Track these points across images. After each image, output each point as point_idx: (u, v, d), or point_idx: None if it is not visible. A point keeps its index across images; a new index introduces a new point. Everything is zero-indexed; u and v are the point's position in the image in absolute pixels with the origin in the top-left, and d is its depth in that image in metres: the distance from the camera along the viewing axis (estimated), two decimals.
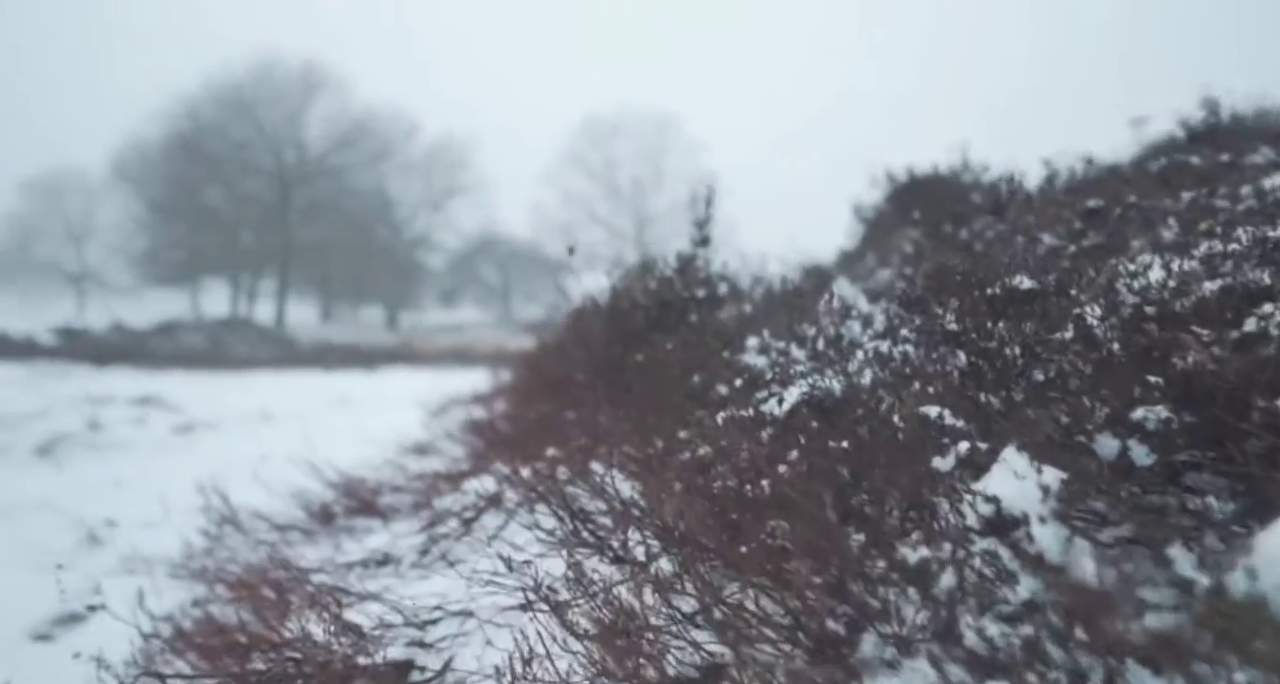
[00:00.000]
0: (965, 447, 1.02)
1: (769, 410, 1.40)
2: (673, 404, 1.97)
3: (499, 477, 2.62)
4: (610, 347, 2.62)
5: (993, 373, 1.15)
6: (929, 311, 1.35)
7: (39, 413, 6.93)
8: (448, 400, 7.51)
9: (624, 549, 1.55)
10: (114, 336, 19.92)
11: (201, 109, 38.91)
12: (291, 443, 6.49)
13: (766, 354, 1.83)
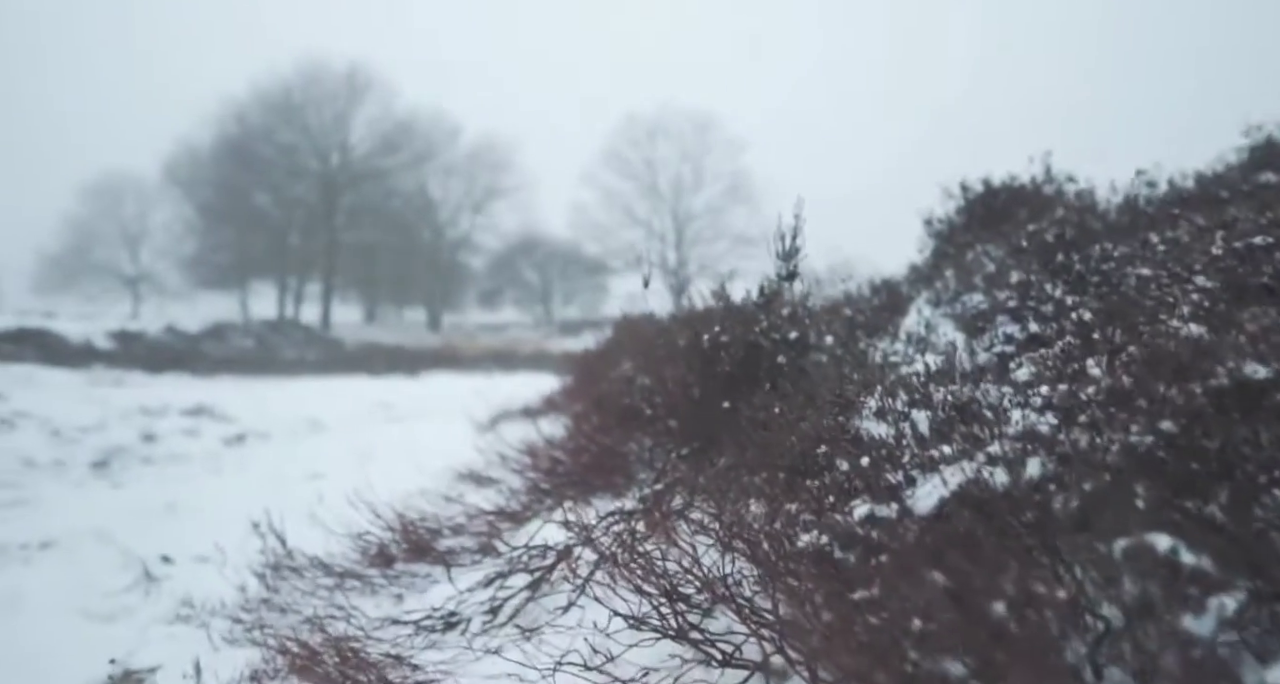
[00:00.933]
0: (1230, 603, 0.80)
1: (911, 505, 1.20)
2: (771, 465, 1.77)
3: (565, 524, 2.44)
4: (689, 387, 2.42)
5: (1226, 488, 0.93)
6: (1130, 404, 1.13)
7: (95, 426, 6.97)
8: (497, 413, 7.39)
9: (738, 653, 1.36)
10: (168, 339, 20.31)
11: (249, 113, 39.68)
12: (341, 459, 6.46)
13: (885, 419, 1.62)
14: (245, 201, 39.46)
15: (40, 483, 5.49)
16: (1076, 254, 2.47)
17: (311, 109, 39.15)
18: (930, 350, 3.19)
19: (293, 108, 38.95)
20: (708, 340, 2.34)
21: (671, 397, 2.70)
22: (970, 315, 3.36)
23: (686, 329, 2.87)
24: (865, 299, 4.89)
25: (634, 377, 3.89)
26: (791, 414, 1.83)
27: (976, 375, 2.38)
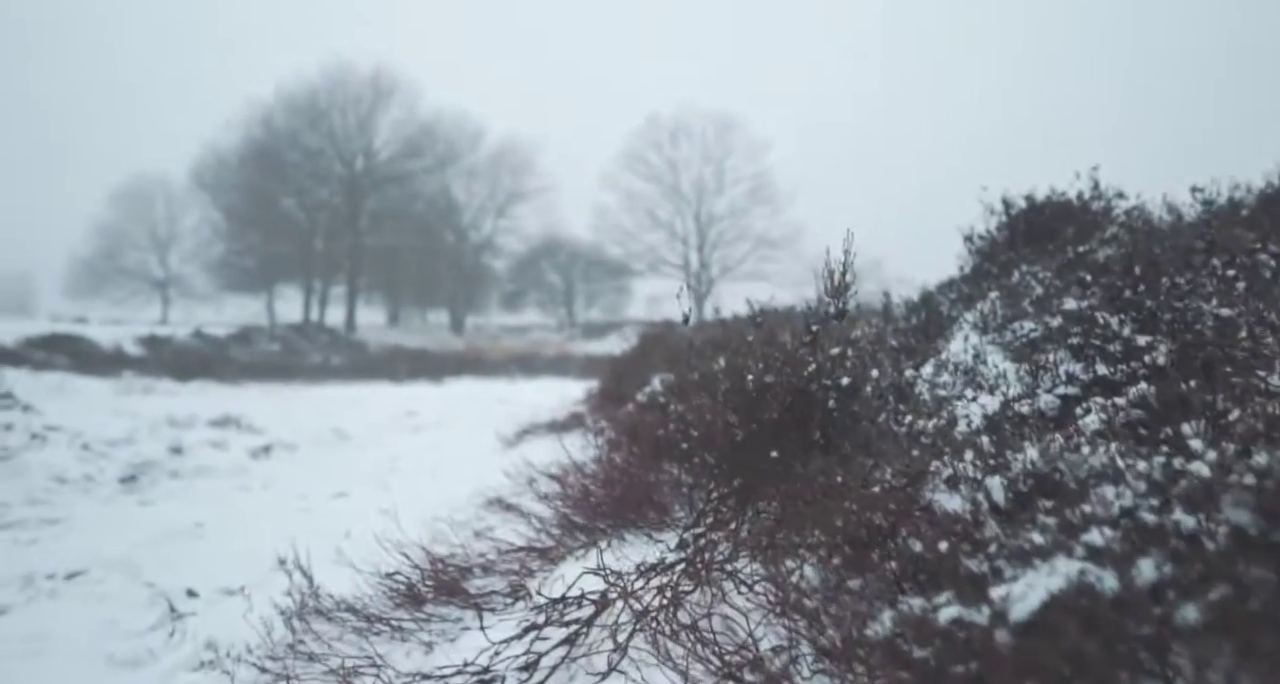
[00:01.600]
0: None
1: (1004, 608, 1.07)
2: (827, 528, 1.65)
3: (601, 573, 2.34)
4: (730, 428, 2.31)
5: None
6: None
7: (124, 439, 6.98)
8: (523, 427, 7.31)
9: None
10: (196, 343, 20.51)
11: (275, 117, 40.07)
12: (366, 475, 6.41)
13: (958, 489, 1.49)
14: (271, 205, 39.85)
15: (71, 500, 5.48)
16: (1143, 285, 2.31)
17: (336, 113, 39.49)
18: (979, 381, 3.05)
19: (318, 112, 39.30)
20: (752, 383, 2.21)
21: (709, 432, 2.59)
22: (1021, 344, 3.21)
23: (725, 363, 2.75)
24: (903, 317, 4.75)
25: (666, 402, 3.78)
26: (848, 474, 1.70)
27: (1040, 421, 2.25)
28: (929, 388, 3.08)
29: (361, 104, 39.50)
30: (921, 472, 1.50)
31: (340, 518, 4.72)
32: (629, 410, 6.25)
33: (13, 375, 10.71)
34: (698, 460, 2.98)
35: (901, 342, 4.46)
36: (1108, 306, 2.43)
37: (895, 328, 4.75)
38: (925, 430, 2.39)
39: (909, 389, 2.96)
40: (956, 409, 2.48)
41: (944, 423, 2.36)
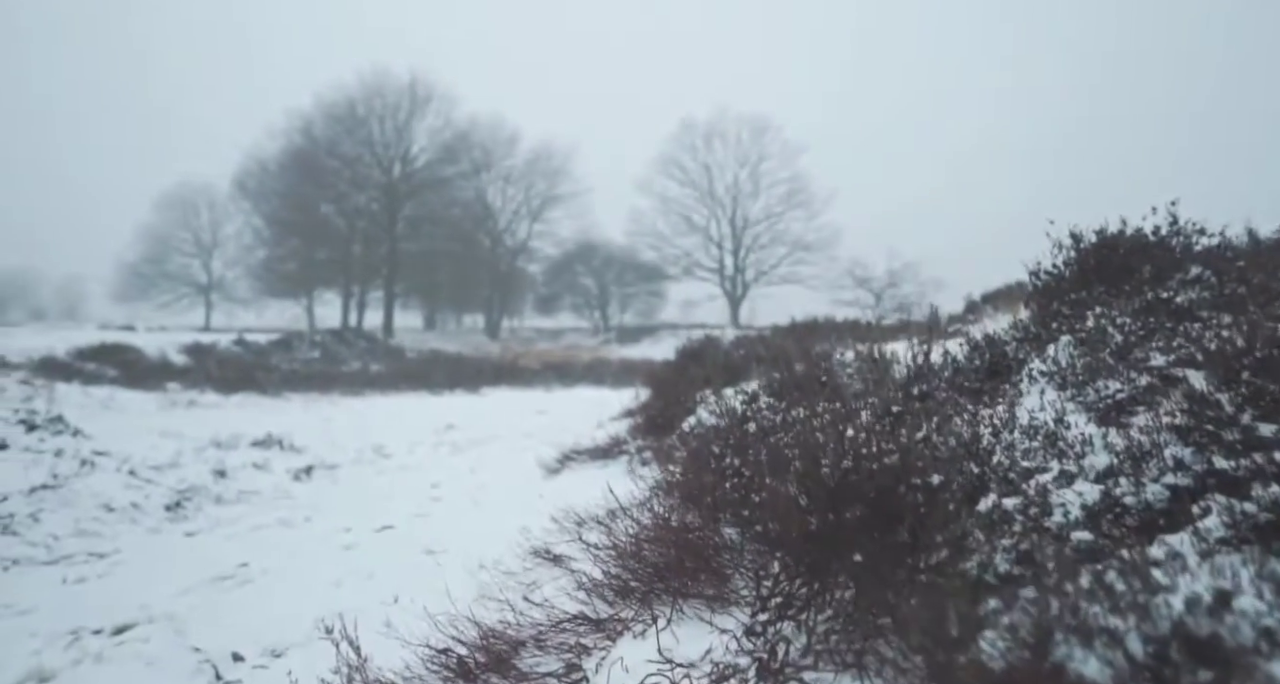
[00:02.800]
0: None
1: None
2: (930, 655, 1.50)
3: (666, 673, 2.20)
4: (804, 514, 2.15)
5: None
6: None
7: (169, 463, 7.02)
8: (564, 452, 7.20)
9: None
10: (238, 351, 20.81)
11: (315, 126, 40.67)
12: (408, 500, 6.35)
13: (1092, 646, 1.32)
14: (311, 212, 40.44)
15: (118, 531, 5.50)
16: (1259, 353, 2.10)
17: (374, 121, 39.97)
18: (1062, 447, 2.85)
19: (356, 120, 39.81)
20: (828, 470, 2.06)
21: (776, 508, 2.43)
22: (1106, 406, 3.01)
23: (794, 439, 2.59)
24: (966, 358, 4.53)
25: (721, 453, 3.63)
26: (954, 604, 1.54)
27: (1150, 516, 2.06)
28: (1005, 450, 2.89)
29: (399, 112, 39.93)
30: (1047, 633, 1.33)
31: (384, 558, 4.65)
32: (673, 443, 6.12)
33: (64, 389, 10.92)
34: (760, 529, 2.83)
35: (967, 385, 4.26)
36: (1216, 381, 2.22)
37: (957, 368, 4.55)
38: (1013, 519, 2.22)
39: (987, 455, 2.77)
40: (1048, 491, 2.29)
41: (1036, 510, 2.18)
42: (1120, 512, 2.08)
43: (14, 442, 6.27)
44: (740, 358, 10.58)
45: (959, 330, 9.61)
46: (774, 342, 11.72)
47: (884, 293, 50.37)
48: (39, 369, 12.53)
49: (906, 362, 5.35)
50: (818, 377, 6.54)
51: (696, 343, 11.41)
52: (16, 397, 9.65)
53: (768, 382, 7.91)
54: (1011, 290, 12.00)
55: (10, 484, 5.63)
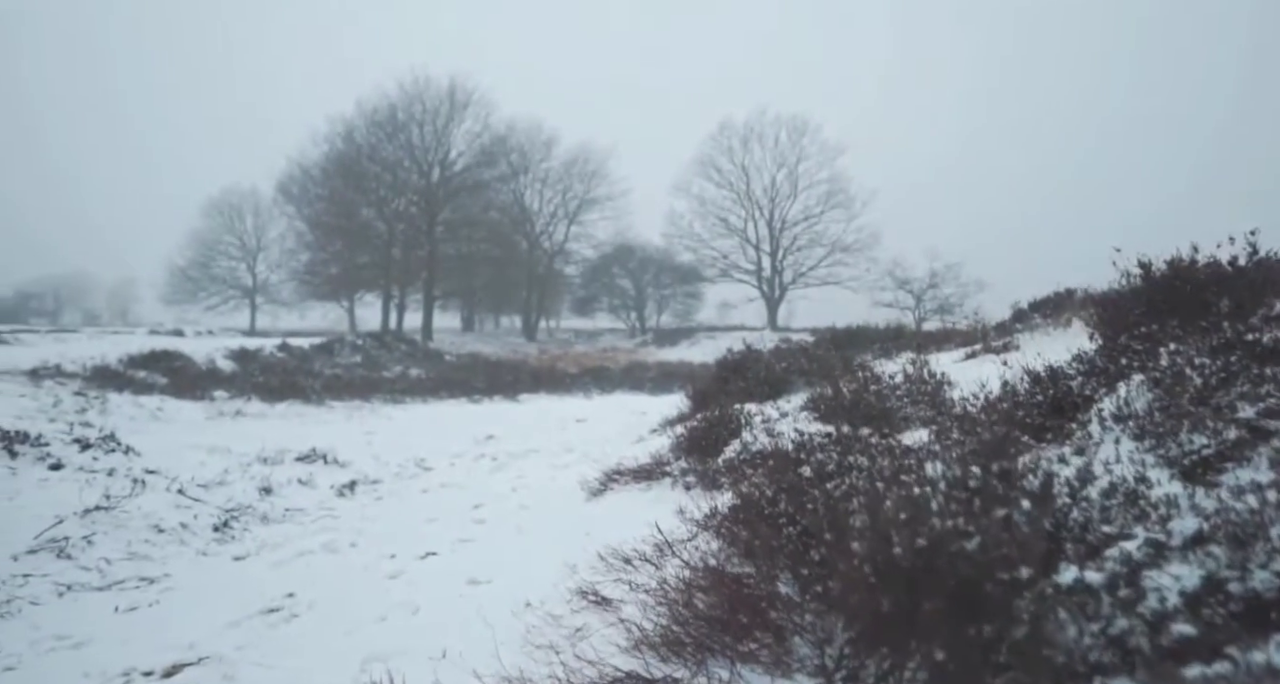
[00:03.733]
0: None
1: None
2: None
3: None
4: (873, 591, 2.04)
5: None
6: None
7: (217, 481, 7.10)
8: (606, 472, 7.12)
9: None
10: (282, 357, 21.15)
11: (356, 132, 41.25)
12: (450, 521, 6.33)
13: None
14: (352, 216, 41.05)
15: (167, 553, 5.56)
16: None
17: (414, 126, 40.42)
18: (1144, 509, 2.68)
19: (397, 125, 40.29)
20: (900, 550, 1.94)
21: (840, 574, 2.32)
22: (1191, 463, 2.83)
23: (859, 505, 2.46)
24: (1026, 393, 4.34)
25: (775, 496, 3.51)
26: None
27: (1259, 606, 1.90)
28: (1082, 507, 2.73)
29: (438, 117, 40.33)
30: None
31: (429, 589, 4.62)
32: (719, 468, 6.00)
33: (116, 400, 11.16)
34: (821, 589, 2.72)
35: (1030, 421, 4.08)
36: None
37: (1016, 400, 4.37)
38: (1100, 596, 2.08)
39: (1063, 514, 2.62)
40: (1138, 567, 2.14)
41: (1128, 592, 2.03)
42: (1224, 598, 1.93)
43: (69, 461, 6.38)
44: (782, 371, 10.43)
45: (1009, 343, 9.34)
46: (816, 353, 11.54)
47: (925, 294, 49.61)
48: (93, 378, 12.83)
49: (965, 396, 5.18)
50: (868, 400, 6.39)
51: (737, 355, 11.26)
52: (71, 409, 9.88)
53: (813, 400, 7.77)
54: (1061, 299, 11.65)
55: (65, 506, 5.73)
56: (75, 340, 20.59)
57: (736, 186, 48.96)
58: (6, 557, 4.98)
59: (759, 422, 6.92)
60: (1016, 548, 1.85)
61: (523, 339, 47.24)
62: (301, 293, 48.63)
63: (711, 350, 40.40)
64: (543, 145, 48.43)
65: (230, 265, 54.44)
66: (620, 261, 52.91)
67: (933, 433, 4.42)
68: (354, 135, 40.94)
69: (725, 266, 50.13)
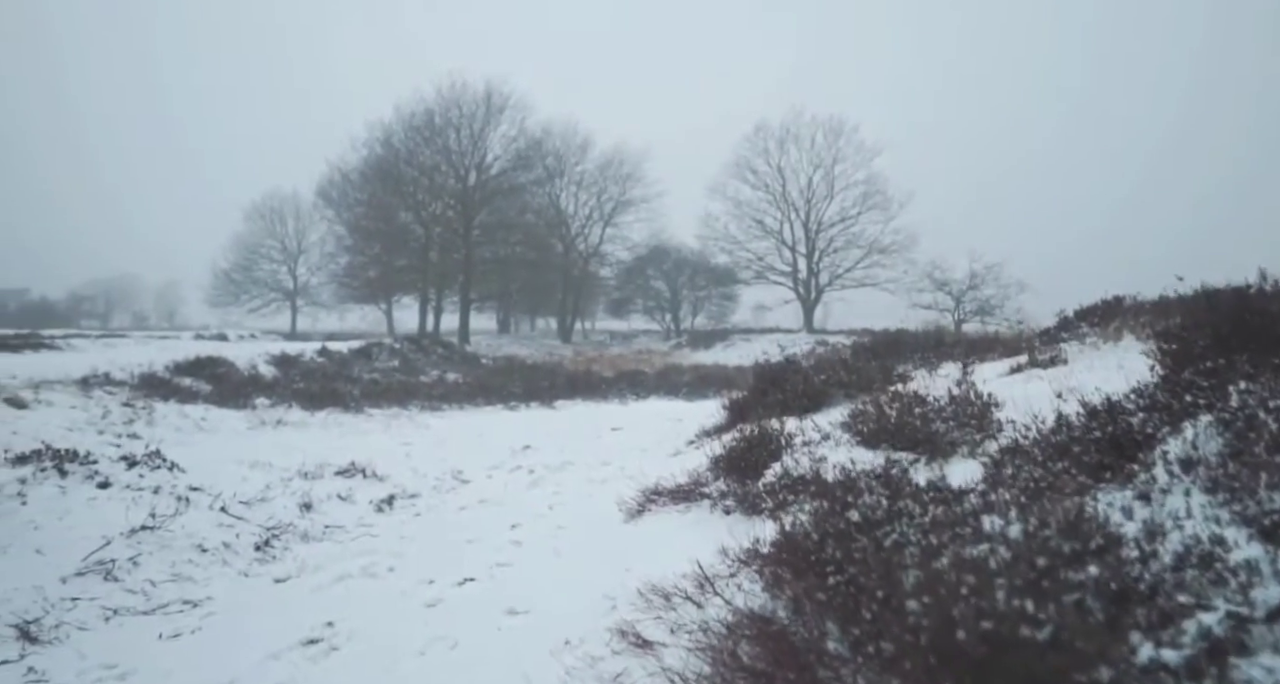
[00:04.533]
0: None
1: None
2: None
3: None
4: (937, 677, 1.93)
5: None
6: None
7: (259, 498, 7.18)
8: (645, 492, 7.04)
9: None
10: (322, 362, 21.44)
11: (394, 136, 41.72)
12: (488, 542, 6.30)
13: None
14: (390, 219, 41.53)
15: (210, 574, 5.61)
16: None
17: (451, 131, 40.79)
18: (1222, 574, 2.53)
19: (434, 129, 40.69)
20: (966, 637, 1.83)
21: (897, 650, 2.22)
22: (1274, 523, 2.67)
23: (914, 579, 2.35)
24: (1081, 426, 4.17)
25: (821, 541, 3.40)
26: None
27: None
28: (1150, 579, 2.58)
29: (475, 121, 40.65)
30: None
31: (467, 620, 4.58)
32: (759, 494, 5.89)
33: (162, 410, 11.37)
34: (872, 650, 2.61)
35: (1086, 458, 3.91)
36: None
37: (1072, 435, 4.20)
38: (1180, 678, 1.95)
39: (1131, 578, 2.48)
40: (1223, 650, 2.00)
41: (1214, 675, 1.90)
42: None
43: (116, 479, 6.49)
44: (821, 383, 10.26)
45: (1056, 357, 9.02)
46: (855, 365, 11.33)
47: (964, 296, 48.74)
48: (140, 386, 13.10)
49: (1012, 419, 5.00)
50: (911, 424, 6.22)
51: (775, 367, 11.12)
52: (119, 420, 10.08)
53: (854, 417, 7.61)
54: (1109, 308, 11.28)
55: (112, 525, 5.82)
56: (124, 346, 21.10)
57: (772, 188, 48.60)
58: (56, 579, 5.06)
59: (799, 442, 6.80)
60: (1092, 641, 1.73)
61: (558, 341, 47.40)
62: (340, 295, 49.43)
63: (747, 353, 40.12)
64: (578, 148, 48.64)
65: (272, 268, 55.55)
66: (655, 263, 52.87)
67: (985, 471, 4.27)
68: (392, 140, 41.48)
69: (761, 269, 49.78)
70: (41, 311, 63.53)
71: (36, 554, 5.26)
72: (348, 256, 45.70)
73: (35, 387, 11.05)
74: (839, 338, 41.53)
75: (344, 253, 46.26)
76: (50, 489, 6.03)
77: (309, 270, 55.20)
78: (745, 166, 48.66)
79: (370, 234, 42.30)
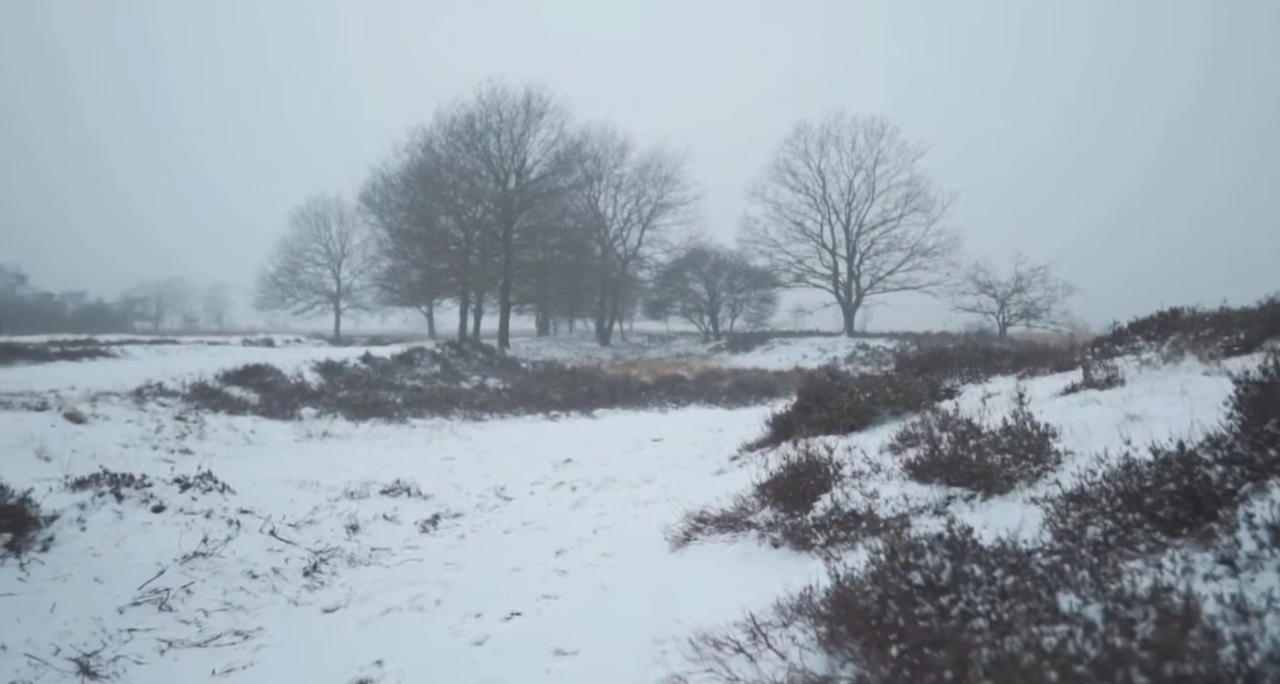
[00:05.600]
0: None
1: None
2: None
3: None
4: None
5: None
6: None
7: (307, 519, 7.27)
8: (690, 520, 6.95)
9: None
10: (365, 369, 21.74)
11: (436, 141, 42.21)
12: (532, 570, 6.28)
13: None
14: (431, 224, 42.01)
15: (260, 602, 5.68)
16: None
17: (491, 135, 41.14)
18: None
19: (474, 135, 41.07)
20: None
21: None
22: None
23: None
24: (1152, 473, 3.98)
25: (881, 599, 3.28)
26: None
27: None
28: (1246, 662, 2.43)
29: (515, 126, 40.93)
30: None
31: (515, 660, 4.55)
32: (809, 525, 5.76)
33: (213, 423, 11.61)
34: None
35: (1161, 513, 3.73)
36: None
37: (1142, 484, 4.01)
38: None
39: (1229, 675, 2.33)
40: None
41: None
42: None
43: (170, 502, 6.60)
44: (867, 401, 10.07)
45: (1113, 377, 8.66)
46: (902, 382, 11.10)
47: (1009, 298, 47.75)
48: (192, 397, 13.39)
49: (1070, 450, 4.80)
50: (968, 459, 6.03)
51: (818, 385, 10.95)
52: (172, 435, 10.29)
53: (903, 439, 7.44)
54: (1165, 320, 10.88)
55: (166, 552, 5.92)
56: (175, 353, 21.64)
57: (812, 190, 48.13)
58: (113, 609, 5.15)
59: (849, 473, 6.65)
60: None
61: (596, 344, 47.53)
62: (382, 298, 50.19)
63: (786, 357, 39.80)
64: (616, 151, 48.74)
65: (316, 271, 56.63)
66: (693, 266, 52.72)
67: (1048, 519, 4.11)
68: (433, 145, 41.97)
69: (801, 271, 49.34)
70: (97, 313, 65.71)
71: (95, 583, 5.36)
72: (390, 260, 46.39)
73: (93, 399, 11.35)
74: (880, 341, 40.98)
75: (386, 256, 46.98)
76: (108, 514, 6.15)
77: (352, 273, 56.19)
78: (785, 169, 48.29)
79: (411, 238, 42.88)
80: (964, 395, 10.36)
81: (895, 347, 38.61)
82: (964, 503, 5.56)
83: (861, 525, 5.47)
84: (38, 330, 40.46)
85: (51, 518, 5.78)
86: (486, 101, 40.94)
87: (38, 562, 5.34)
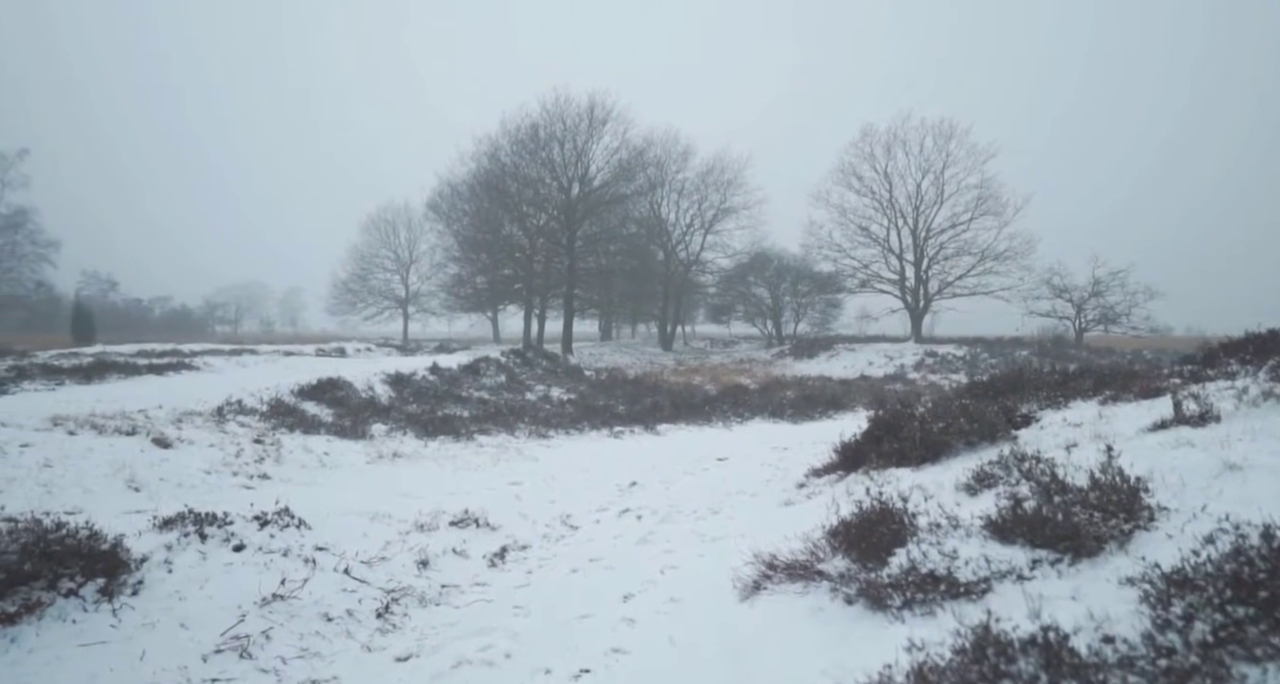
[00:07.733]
0: None
1: None
2: None
3: None
4: None
5: None
6: None
7: (379, 555, 7.39)
8: (760, 566, 6.82)
9: None
10: (433, 381, 22.17)
11: (501, 150, 42.88)
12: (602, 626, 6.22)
13: None
14: (496, 231, 42.68)
15: (335, 647, 5.78)
16: None
17: (555, 144, 41.59)
18: None
19: (539, 143, 41.58)
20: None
21: None
22: None
23: None
24: (1265, 566, 3.68)
25: (967, 671, 3.12)
26: None
27: None
28: None
29: (578, 134, 41.30)
30: None
31: None
32: (885, 582, 5.57)
33: (289, 445, 11.96)
34: None
35: (1275, 612, 3.45)
36: None
37: (1254, 574, 3.72)
38: None
39: None
40: None
41: None
42: None
43: (249, 541, 6.79)
44: (940, 432, 9.75)
45: (1207, 413, 8.09)
46: (976, 411, 10.72)
47: (1086, 303, 45.92)
48: (270, 414, 13.82)
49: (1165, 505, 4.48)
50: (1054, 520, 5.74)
51: (889, 413, 10.67)
52: (251, 459, 10.63)
53: (978, 481, 7.15)
54: (1263, 342, 10.21)
55: (246, 594, 6.08)
56: (254, 364, 22.43)
57: (879, 194, 47.16)
58: (197, 656, 5.30)
59: (924, 524, 6.42)
60: None
61: (659, 349, 47.54)
62: (449, 304, 51.23)
63: (852, 364, 39.07)
64: (679, 156, 48.69)
65: (385, 277, 58.16)
66: (756, 270, 52.26)
67: (1143, 602, 3.86)
68: (499, 154, 42.66)
69: (866, 277, 48.38)
70: (181, 318, 68.93)
71: (181, 628, 5.53)
72: (456, 266, 47.33)
73: (178, 421, 11.84)
74: (949, 348, 39.79)
75: (452, 263, 47.96)
76: (192, 555, 6.36)
77: (419, 279, 57.50)
78: (850, 173, 47.44)
79: (477, 244, 43.66)
80: (1043, 423, 9.95)
81: (965, 353, 37.46)
82: (1050, 567, 5.28)
83: (940, 588, 5.26)
84: (128, 337, 42.62)
85: (141, 561, 6.00)
86: (550, 110, 41.44)
87: (128, 607, 5.54)
